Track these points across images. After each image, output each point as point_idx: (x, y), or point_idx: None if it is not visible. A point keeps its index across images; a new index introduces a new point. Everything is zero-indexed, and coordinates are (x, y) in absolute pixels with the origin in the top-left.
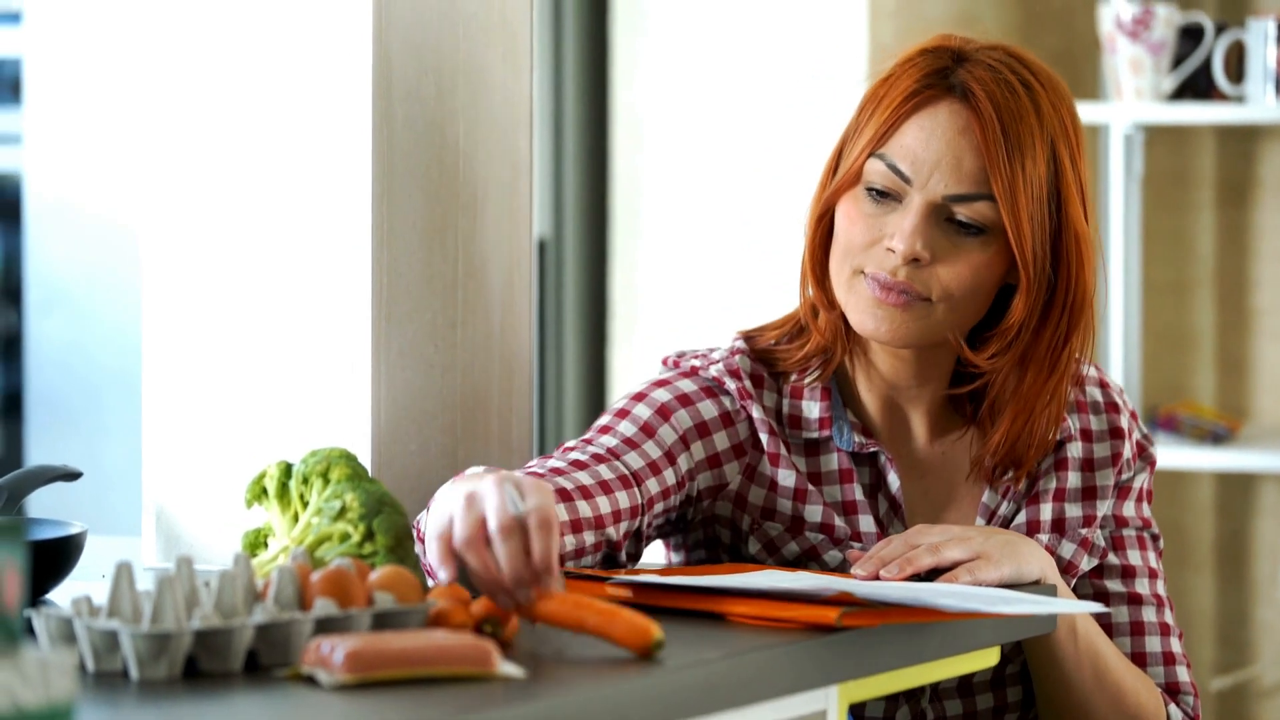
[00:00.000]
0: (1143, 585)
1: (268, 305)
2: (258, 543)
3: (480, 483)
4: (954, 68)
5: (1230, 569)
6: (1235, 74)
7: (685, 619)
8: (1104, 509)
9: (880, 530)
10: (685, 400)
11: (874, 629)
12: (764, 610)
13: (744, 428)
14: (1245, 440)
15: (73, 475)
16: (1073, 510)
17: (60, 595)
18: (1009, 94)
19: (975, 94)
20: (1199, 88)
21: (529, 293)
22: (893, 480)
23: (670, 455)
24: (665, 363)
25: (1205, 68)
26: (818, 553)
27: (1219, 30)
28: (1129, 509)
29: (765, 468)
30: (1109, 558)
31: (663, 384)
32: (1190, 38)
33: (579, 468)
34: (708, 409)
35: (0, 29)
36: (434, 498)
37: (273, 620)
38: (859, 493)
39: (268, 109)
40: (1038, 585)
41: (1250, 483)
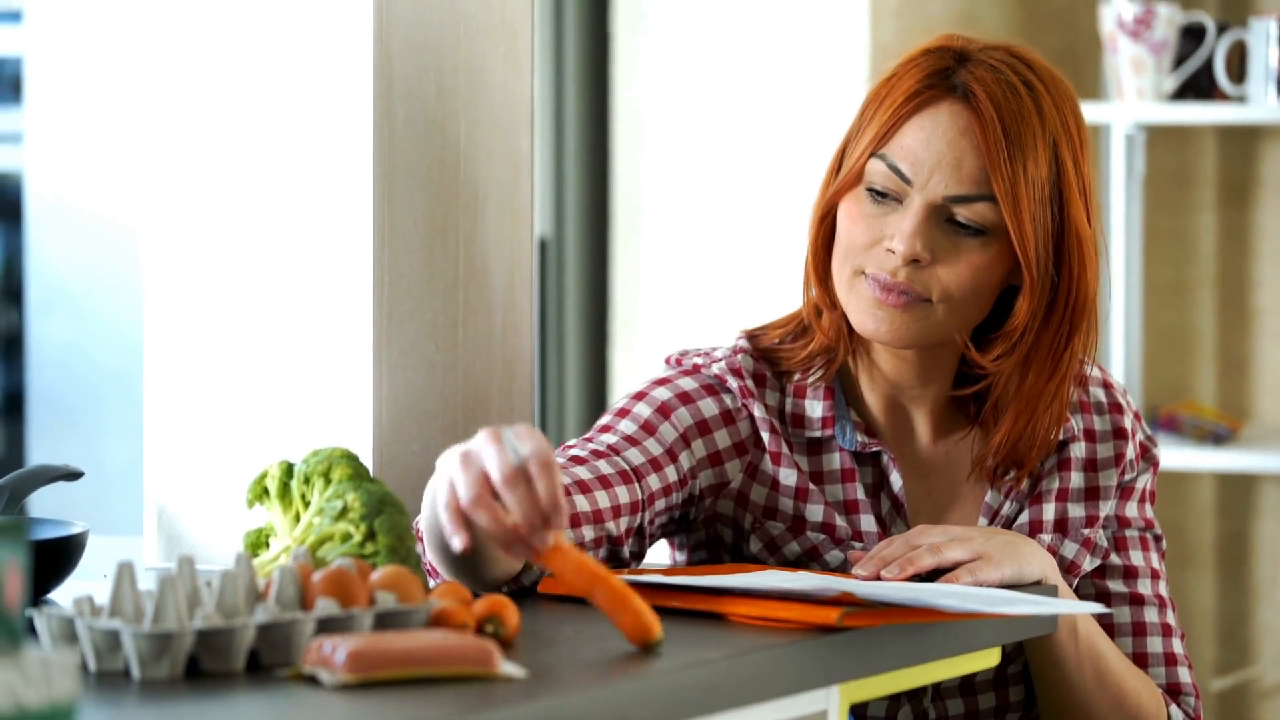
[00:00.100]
0: (1145, 586)
1: (269, 305)
2: (259, 543)
3: (472, 442)
4: (956, 68)
5: (1231, 569)
6: (1237, 74)
7: (686, 619)
8: (1106, 509)
9: (882, 530)
10: (686, 398)
11: (875, 629)
12: (765, 610)
13: (745, 426)
14: (1246, 441)
15: (74, 475)
16: (1075, 510)
17: (62, 595)
18: (1010, 95)
19: (976, 95)
20: (1200, 88)
21: (530, 292)
22: (895, 480)
23: (671, 452)
24: (668, 362)
25: (1207, 68)
26: (819, 552)
27: (1220, 30)
28: (1131, 510)
29: (767, 466)
30: (1111, 558)
31: (663, 382)
32: (1192, 37)
33: (577, 463)
34: (708, 407)
35: (1, 28)
36: (439, 466)
37: (274, 620)
38: (861, 492)
39: (268, 108)
40: (1039, 586)
41: (1251, 483)
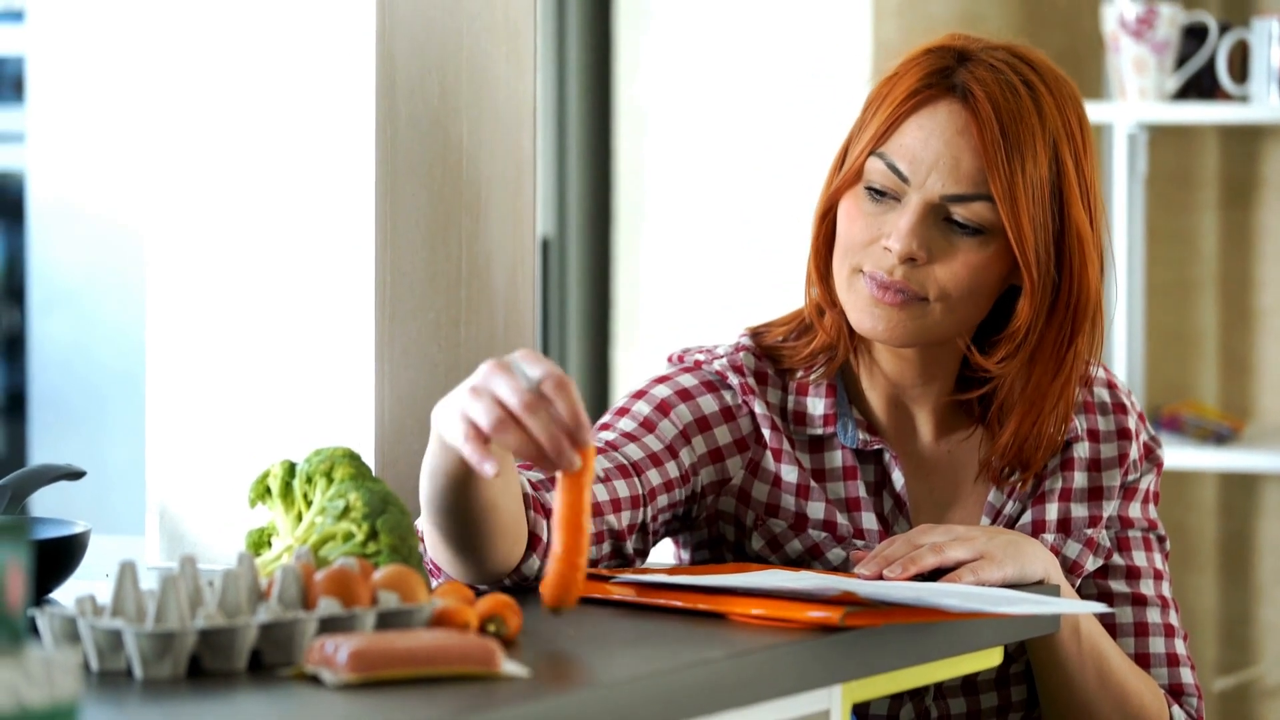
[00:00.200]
0: (1147, 586)
1: (271, 304)
2: (261, 542)
3: (476, 377)
4: (956, 67)
5: (1233, 569)
6: (1239, 74)
7: (688, 618)
8: (1110, 509)
9: (883, 528)
10: (685, 395)
11: (877, 629)
12: (767, 610)
13: (746, 422)
14: (1248, 440)
15: (76, 474)
16: (1078, 510)
17: (64, 595)
18: (1010, 94)
19: (975, 94)
20: (1203, 87)
21: (532, 291)
22: (897, 478)
23: (671, 449)
24: (670, 359)
25: (1209, 67)
26: (821, 550)
27: (1223, 30)
28: (1135, 510)
29: (769, 463)
30: (1114, 559)
31: (664, 380)
32: (1194, 37)
33: None
34: (708, 403)
35: (3, 27)
36: (438, 417)
37: (276, 620)
38: (862, 490)
39: (271, 108)
40: (1041, 585)
41: (1253, 483)
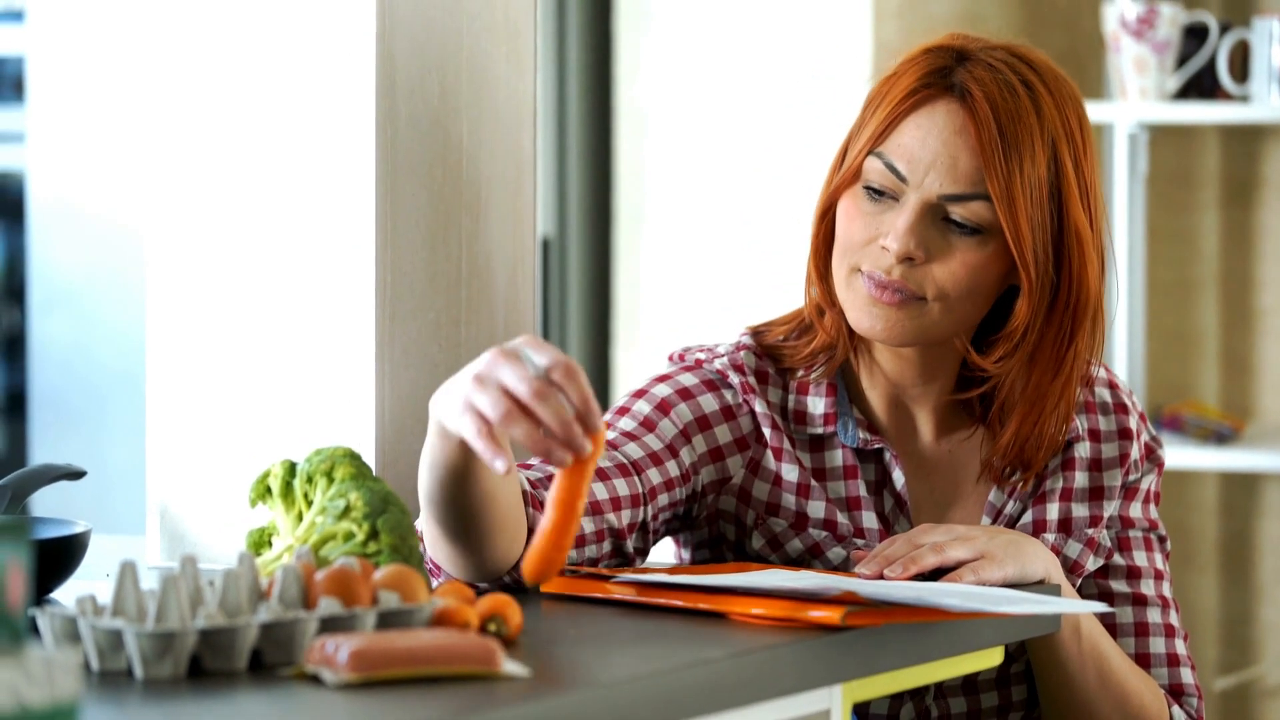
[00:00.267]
0: (1148, 586)
1: (271, 304)
2: (262, 542)
3: (479, 364)
4: (955, 67)
5: (1234, 569)
6: (1240, 73)
7: (689, 618)
8: (1110, 509)
9: (883, 527)
10: (686, 394)
11: (878, 628)
12: (768, 609)
13: (747, 421)
14: (1249, 440)
15: (76, 474)
16: (1079, 510)
17: (65, 594)
18: (1008, 94)
19: (973, 94)
20: (1203, 87)
21: (533, 291)
22: (898, 477)
23: (671, 448)
24: (671, 358)
25: (1210, 67)
26: (821, 549)
27: (1224, 29)
28: (1136, 510)
29: (769, 462)
30: (1115, 558)
31: (664, 379)
32: (1195, 37)
33: None
34: (709, 402)
35: (3, 27)
36: (439, 405)
37: (277, 619)
38: (863, 489)
39: (271, 108)
40: (1042, 585)
41: (1254, 482)
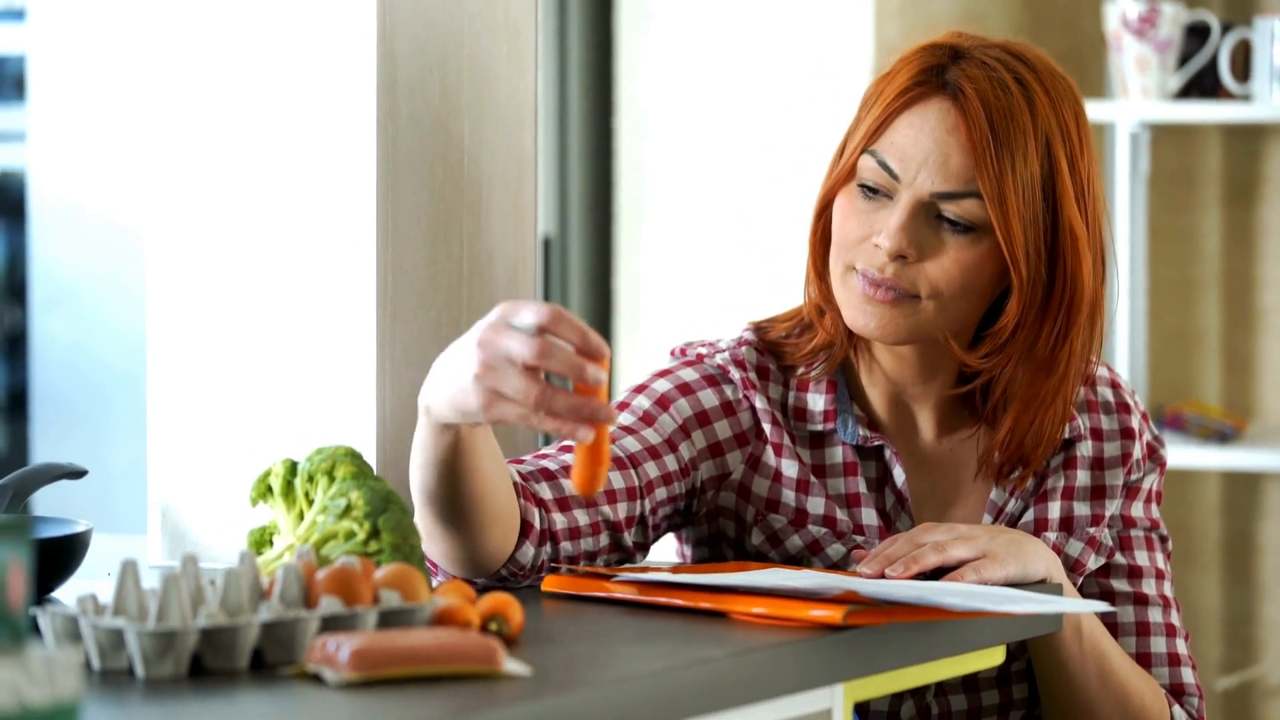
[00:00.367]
0: (1149, 586)
1: (272, 303)
2: (263, 541)
3: (467, 342)
4: (949, 65)
5: (1236, 568)
6: (1241, 72)
7: (690, 617)
8: (1112, 508)
9: (884, 523)
10: (686, 389)
11: (879, 628)
12: (769, 609)
13: (747, 417)
14: (1251, 439)
15: (78, 473)
16: (1081, 509)
17: (66, 593)
18: (1001, 92)
19: (965, 92)
20: (1205, 86)
21: (534, 290)
22: (898, 474)
23: (670, 442)
24: (673, 353)
25: (1211, 66)
26: (820, 546)
27: (1225, 29)
28: (1137, 509)
29: (769, 458)
30: (1116, 558)
31: (665, 374)
32: (1196, 36)
33: (567, 452)
34: (709, 398)
35: (4, 26)
36: (437, 400)
37: (278, 618)
38: (862, 485)
39: (272, 107)
40: (1043, 584)
41: (1256, 482)
